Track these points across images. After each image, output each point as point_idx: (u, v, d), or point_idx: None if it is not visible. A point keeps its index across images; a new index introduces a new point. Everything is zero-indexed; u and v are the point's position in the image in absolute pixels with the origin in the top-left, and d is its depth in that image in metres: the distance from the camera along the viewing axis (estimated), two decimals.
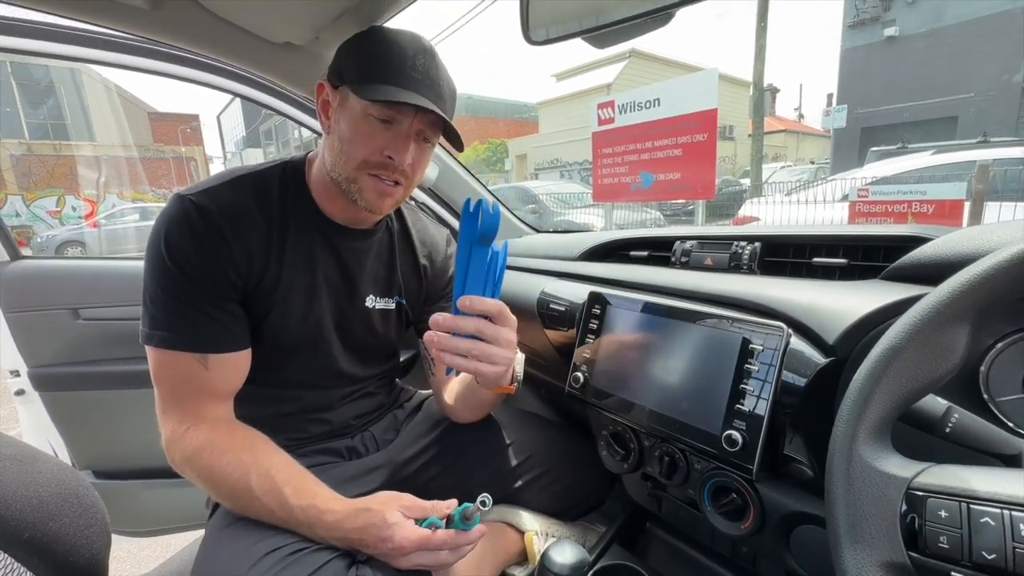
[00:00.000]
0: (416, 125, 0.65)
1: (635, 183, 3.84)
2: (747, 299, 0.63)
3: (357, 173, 0.66)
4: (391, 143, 0.65)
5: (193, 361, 0.64)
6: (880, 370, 0.37)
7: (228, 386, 0.68)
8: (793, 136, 27.83)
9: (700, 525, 0.73)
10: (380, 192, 0.67)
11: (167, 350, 0.64)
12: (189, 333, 0.64)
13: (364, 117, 0.64)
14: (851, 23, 12.63)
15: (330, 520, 0.60)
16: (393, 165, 0.65)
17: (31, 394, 1.19)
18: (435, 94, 0.64)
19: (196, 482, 0.65)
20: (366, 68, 0.63)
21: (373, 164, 0.65)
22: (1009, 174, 3.47)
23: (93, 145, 14.65)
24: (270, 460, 0.64)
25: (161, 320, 0.64)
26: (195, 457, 0.63)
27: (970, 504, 0.32)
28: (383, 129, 0.64)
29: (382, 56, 0.63)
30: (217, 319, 0.65)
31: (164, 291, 0.64)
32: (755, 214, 4.82)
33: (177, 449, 0.64)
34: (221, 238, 0.64)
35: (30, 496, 0.47)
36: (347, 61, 0.65)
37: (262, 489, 0.61)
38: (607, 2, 0.58)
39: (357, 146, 0.65)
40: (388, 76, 0.62)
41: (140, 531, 1.31)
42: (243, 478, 0.61)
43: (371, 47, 0.64)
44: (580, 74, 22.39)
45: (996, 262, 0.35)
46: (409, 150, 0.65)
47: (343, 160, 0.66)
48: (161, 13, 0.77)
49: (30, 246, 9.95)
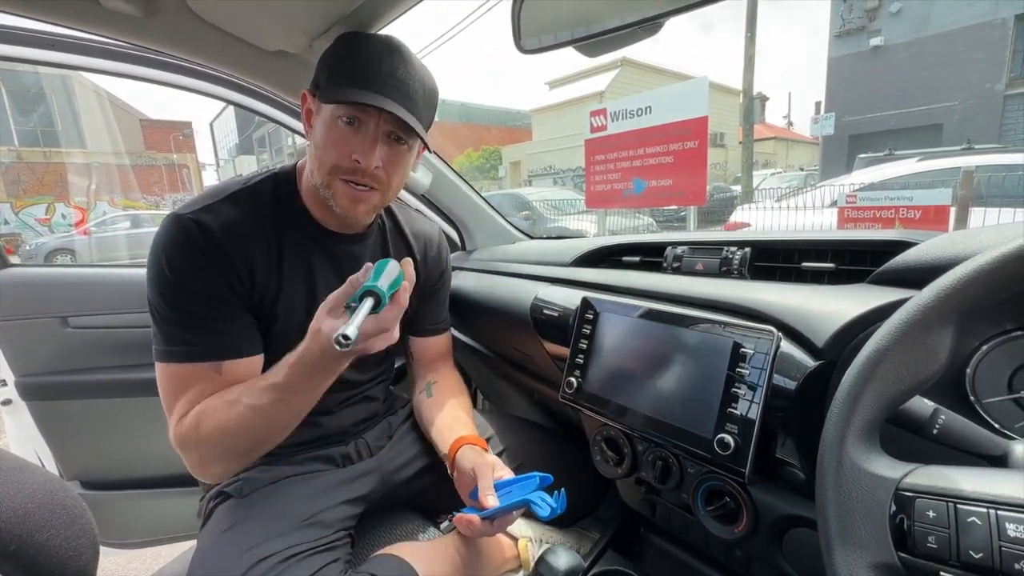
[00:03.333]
0: (383, 127, 0.65)
1: (628, 189, 3.87)
2: (738, 303, 0.63)
3: (330, 179, 0.66)
4: (358, 146, 0.64)
5: (208, 370, 0.65)
6: (867, 373, 0.38)
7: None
8: (783, 143, 28.18)
9: (694, 529, 0.73)
10: (353, 198, 0.67)
11: (182, 364, 0.64)
12: (202, 344, 0.65)
13: (333, 121, 0.64)
14: (837, 33, 12.86)
15: (297, 353, 0.60)
16: (362, 169, 0.65)
17: (18, 403, 1.17)
18: (402, 95, 0.64)
19: (219, 459, 0.66)
20: (333, 72, 0.64)
21: (344, 169, 0.65)
22: (993, 180, 3.54)
23: (84, 152, 14.55)
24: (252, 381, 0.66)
25: (175, 337, 0.64)
26: (198, 434, 0.63)
27: (957, 504, 0.33)
28: (351, 133, 0.64)
29: (347, 60, 0.64)
30: (227, 327, 0.66)
31: (174, 308, 0.64)
32: (746, 220, 4.87)
33: (186, 445, 0.65)
34: (223, 252, 0.65)
35: (16, 508, 0.46)
36: (320, 68, 0.67)
37: (254, 394, 0.62)
38: (597, 12, 0.59)
39: (328, 151, 0.65)
40: (352, 79, 0.62)
41: (129, 542, 1.28)
42: (235, 404, 0.62)
43: (340, 52, 0.65)
44: (573, 82, 22.59)
45: (978, 265, 0.36)
46: (375, 153, 0.65)
47: (317, 166, 0.67)
48: (155, 21, 0.77)
49: (18, 254, 9.82)
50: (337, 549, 0.69)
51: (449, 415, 0.82)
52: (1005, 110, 10.49)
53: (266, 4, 0.75)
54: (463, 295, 1.12)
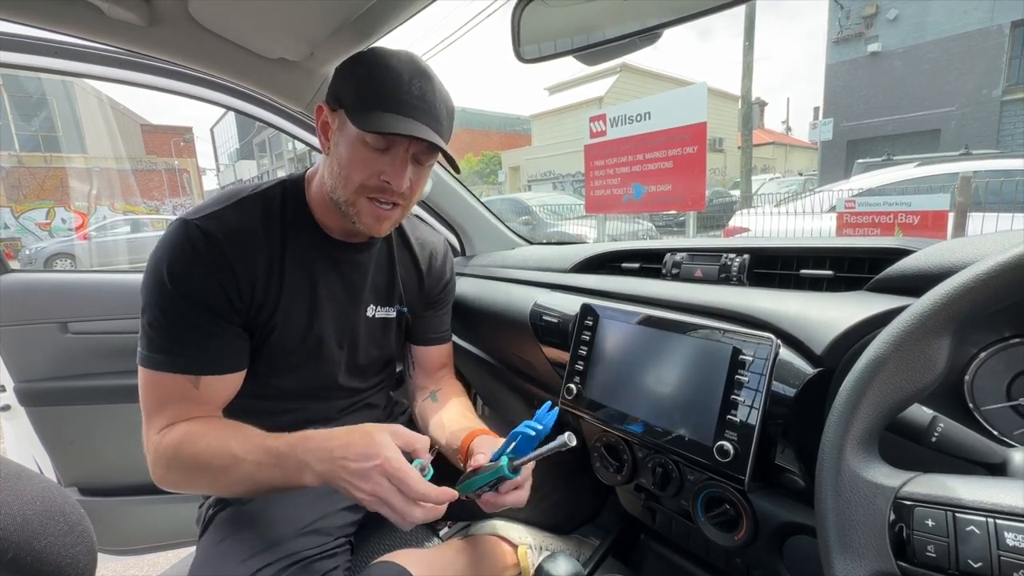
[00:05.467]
0: (412, 150, 0.65)
1: (627, 195, 3.88)
2: (736, 310, 0.64)
3: (355, 196, 0.66)
4: (388, 168, 0.65)
5: (185, 382, 0.64)
6: (865, 381, 0.38)
7: (217, 399, 0.68)
8: (781, 148, 28.28)
9: (694, 537, 0.73)
10: (377, 216, 0.68)
11: (161, 372, 0.63)
12: (185, 355, 0.64)
13: (361, 143, 0.64)
14: (835, 39, 12.94)
15: (316, 440, 0.57)
16: (391, 189, 0.66)
17: (16, 409, 1.16)
18: (431, 117, 0.64)
19: (183, 482, 0.63)
20: (361, 93, 0.63)
21: (371, 188, 0.66)
22: (991, 186, 3.56)
23: (84, 157, 14.58)
24: (248, 427, 0.63)
25: (158, 343, 0.64)
26: (176, 453, 0.61)
27: (956, 513, 0.33)
28: (379, 155, 0.65)
29: (377, 81, 0.63)
30: (215, 343, 0.66)
31: (164, 314, 0.64)
32: (745, 225, 4.87)
33: (160, 456, 0.63)
34: (226, 263, 0.64)
35: (14, 515, 0.46)
36: (344, 85, 0.66)
37: (244, 449, 0.58)
38: (596, 22, 0.60)
39: (355, 171, 0.65)
40: (383, 103, 0.62)
41: (128, 549, 1.28)
42: (224, 447, 0.59)
43: (367, 71, 0.64)
44: (572, 88, 22.70)
45: (975, 274, 0.36)
46: (406, 175, 0.66)
47: (342, 184, 0.67)
48: (157, 30, 0.77)
49: (18, 259, 9.82)
50: (337, 556, 0.69)
51: (457, 412, 0.82)
52: (1002, 116, 10.55)
53: (268, 13, 0.76)
54: (463, 301, 1.12)
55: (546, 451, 0.57)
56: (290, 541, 0.66)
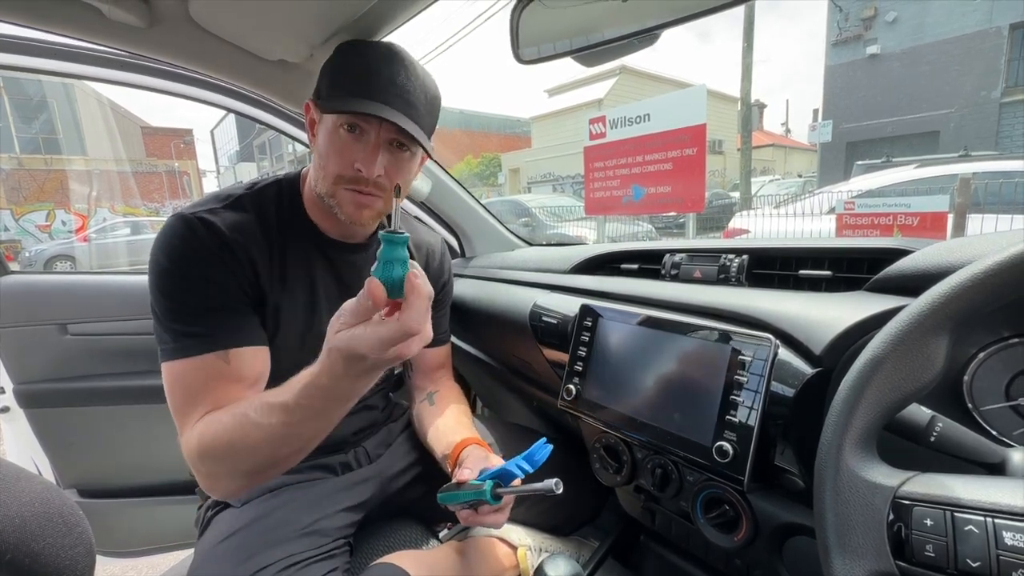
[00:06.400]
0: (384, 135, 0.64)
1: (627, 196, 3.88)
2: (736, 311, 0.64)
3: (335, 188, 0.66)
4: (360, 155, 0.64)
5: (216, 360, 0.61)
6: (864, 381, 0.38)
7: (251, 374, 0.64)
8: (781, 150, 28.31)
9: (694, 538, 0.73)
10: (357, 204, 0.67)
11: (190, 358, 0.61)
12: (210, 334, 0.62)
13: (335, 131, 0.64)
14: (834, 41, 12.98)
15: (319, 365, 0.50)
16: (364, 179, 0.65)
17: (15, 411, 1.16)
18: (404, 102, 0.63)
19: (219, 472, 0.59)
20: (334, 82, 0.64)
21: (348, 179, 0.65)
22: (990, 187, 3.56)
23: (85, 159, 14.60)
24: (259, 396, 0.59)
25: (180, 330, 0.62)
26: (203, 440, 0.58)
27: (954, 512, 0.33)
28: (352, 142, 0.64)
29: (348, 68, 0.64)
30: (236, 317, 0.64)
31: (175, 299, 0.62)
32: (745, 226, 4.88)
33: (191, 455, 0.59)
34: (229, 249, 0.64)
35: (12, 516, 0.46)
36: (322, 78, 0.67)
37: (261, 412, 0.55)
38: (595, 23, 0.60)
39: (331, 160, 0.65)
40: (352, 88, 0.62)
41: (126, 551, 1.28)
42: (241, 419, 0.56)
43: (341, 60, 0.65)
44: (572, 90, 22.73)
45: (973, 273, 0.36)
46: (377, 161, 0.64)
47: (322, 176, 0.67)
48: (157, 31, 0.78)
49: (18, 260, 9.82)
50: (336, 558, 0.69)
51: (452, 419, 0.82)
52: (1001, 117, 10.57)
53: (268, 14, 0.76)
54: (462, 302, 1.12)
55: (530, 490, 0.57)
56: (289, 543, 0.66)
